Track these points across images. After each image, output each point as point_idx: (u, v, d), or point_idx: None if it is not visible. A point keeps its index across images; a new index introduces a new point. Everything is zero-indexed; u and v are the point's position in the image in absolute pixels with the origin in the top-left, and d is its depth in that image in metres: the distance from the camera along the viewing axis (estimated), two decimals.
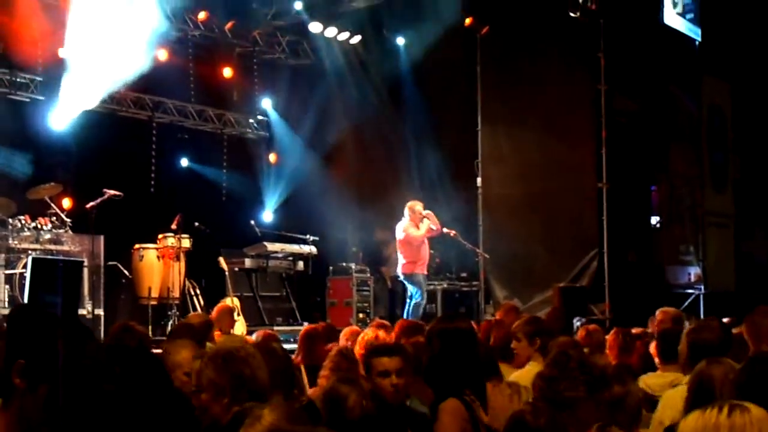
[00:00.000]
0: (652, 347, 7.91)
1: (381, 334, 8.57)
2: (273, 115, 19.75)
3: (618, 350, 8.30)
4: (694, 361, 5.34)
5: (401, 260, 15.32)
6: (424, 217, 15.17)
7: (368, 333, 8.72)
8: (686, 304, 17.84)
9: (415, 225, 15.17)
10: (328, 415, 5.08)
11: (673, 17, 18.22)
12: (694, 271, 19.46)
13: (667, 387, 6.23)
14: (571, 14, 15.85)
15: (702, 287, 19.05)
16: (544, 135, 17.23)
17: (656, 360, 7.39)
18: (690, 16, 18.78)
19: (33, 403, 2.79)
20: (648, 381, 6.72)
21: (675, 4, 18.27)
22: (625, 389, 5.07)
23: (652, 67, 18.03)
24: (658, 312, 10.08)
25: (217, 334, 8.97)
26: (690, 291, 18.99)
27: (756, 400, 3.24)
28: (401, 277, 15.59)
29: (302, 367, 7.85)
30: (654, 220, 19.58)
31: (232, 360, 4.55)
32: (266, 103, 19.73)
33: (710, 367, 4.88)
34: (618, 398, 5.01)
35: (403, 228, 15.23)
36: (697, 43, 19.09)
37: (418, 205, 15.32)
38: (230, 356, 4.57)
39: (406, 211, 15.30)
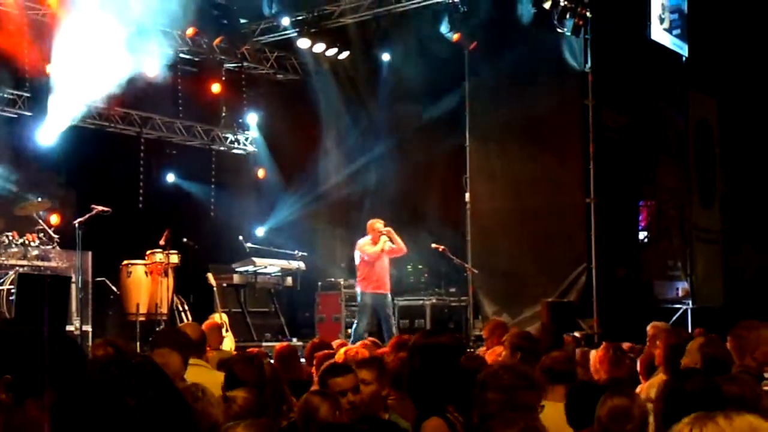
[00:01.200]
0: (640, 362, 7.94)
1: (360, 350, 8.55)
2: (260, 131, 19.76)
3: (609, 365, 8.31)
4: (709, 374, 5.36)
5: (358, 276, 15.25)
6: (383, 234, 15.04)
7: (350, 349, 8.73)
8: (674, 318, 17.88)
9: (373, 242, 15.05)
10: (302, 426, 5.12)
11: (660, 33, 18.31)
12: (682, 286, 19.51)
13: None
14: (559, 30, 15.91)
15: (690, 302, 19.09)
16: (532, 150, 17.26)
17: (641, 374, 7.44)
18: (677, 32, 18.88)
19: (19, 419, 2.78)
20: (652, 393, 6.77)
21: (662, 20, 18.36)
22: (630, 400, 5.12)
23: (640, 82, 18.11)
24: (649, 327, 10.10)
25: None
26: (678, 306, 19.03)
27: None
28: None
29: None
30: (642, 235, 19.62)
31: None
32: (254, 119, 19.74)
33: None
34: (624, 409, 5.05)
35: (360, 245, 15.14)
36: (683, 58, 19.19)
37: (378, 223, 15.18)
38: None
39: (368, 228, 15.22)
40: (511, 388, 4.72)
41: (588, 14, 16.05)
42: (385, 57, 18.91)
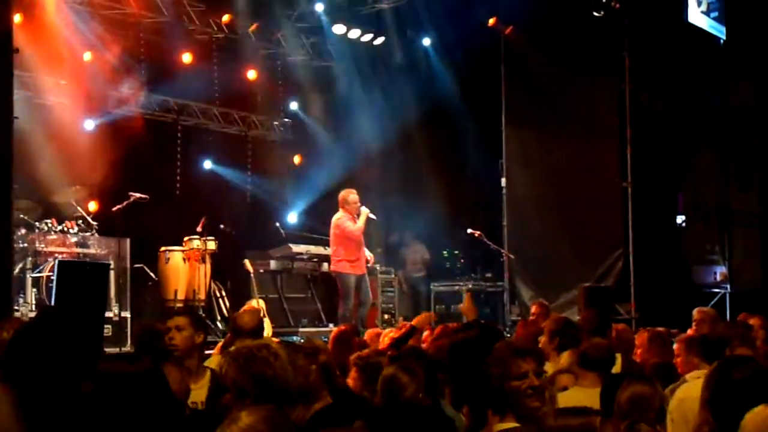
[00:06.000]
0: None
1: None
2: (297, 117, 19.78)
3: (657, 350, 8.24)
4: None
5: (335, 257, 14.29)
6: (360, 208, 14.09)
7: (389, 333, 8.72)
8: (712, 303, 17.74)
9: (351, 218, 14.12)
10: (384, 398, 5.25)
11: (697, 16, 18.13)
12: (720, 271, 19.37)
13: None
14: (595, 14, 15.81)
15: (728, 286, 18.96)
16: (569, 135, 17.18)
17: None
18: (715, 14, 18.67)
19: None
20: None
21: (699, 3, 18.17)
22: (650, 387, 5.19)
23: (678, 66, 17.93)
24: (695, 311, 10.04)
25: None
26: (716, 290, 18.89)
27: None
28: (333, 275, 14.66)
29: None
30: (679, 219, 19.49)
31: (253, 360, 4.54)
32: (290, 105, 19.76)
33: None
34: (645, 396, 5.10)
35: (337, 221, 14.15)
36: (722, 41, 18.98)
37: (352, 195, 14.16)
38: (251, 356, 4.56)
39: (340, 202, 14.27)
40: (504, 360, 4.77)
41: None
42: (426, 42, 18.83)
